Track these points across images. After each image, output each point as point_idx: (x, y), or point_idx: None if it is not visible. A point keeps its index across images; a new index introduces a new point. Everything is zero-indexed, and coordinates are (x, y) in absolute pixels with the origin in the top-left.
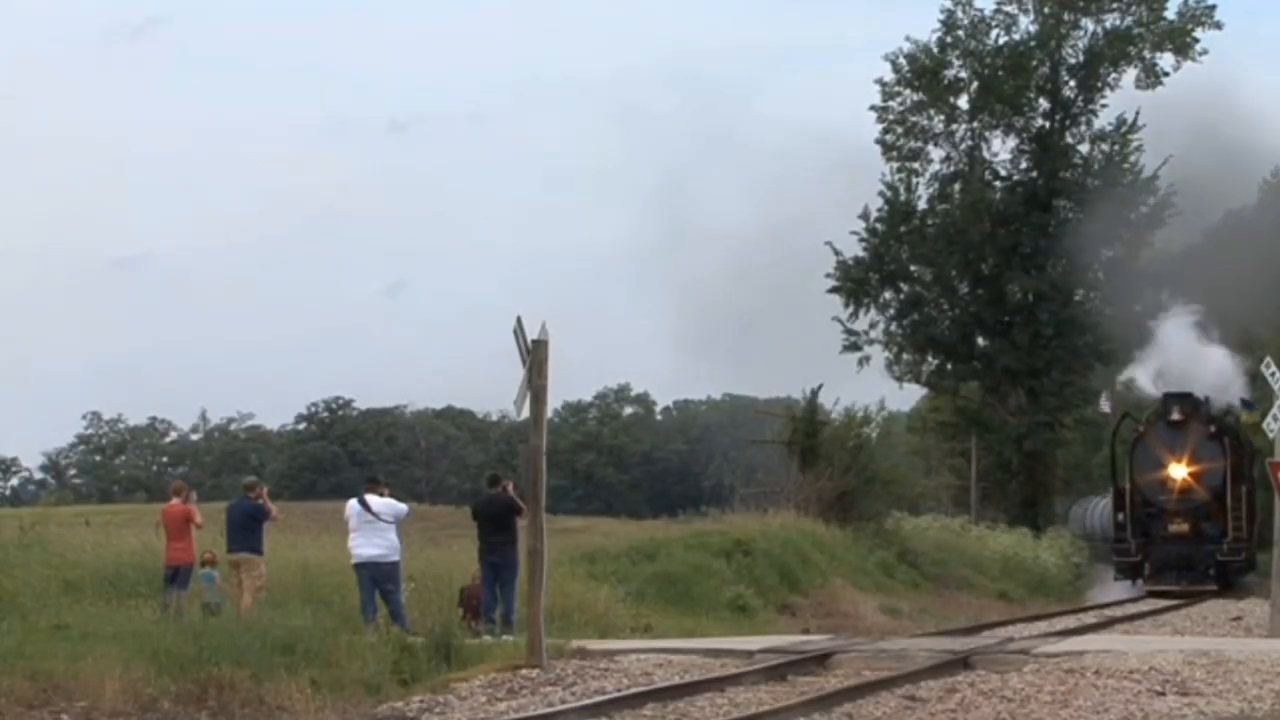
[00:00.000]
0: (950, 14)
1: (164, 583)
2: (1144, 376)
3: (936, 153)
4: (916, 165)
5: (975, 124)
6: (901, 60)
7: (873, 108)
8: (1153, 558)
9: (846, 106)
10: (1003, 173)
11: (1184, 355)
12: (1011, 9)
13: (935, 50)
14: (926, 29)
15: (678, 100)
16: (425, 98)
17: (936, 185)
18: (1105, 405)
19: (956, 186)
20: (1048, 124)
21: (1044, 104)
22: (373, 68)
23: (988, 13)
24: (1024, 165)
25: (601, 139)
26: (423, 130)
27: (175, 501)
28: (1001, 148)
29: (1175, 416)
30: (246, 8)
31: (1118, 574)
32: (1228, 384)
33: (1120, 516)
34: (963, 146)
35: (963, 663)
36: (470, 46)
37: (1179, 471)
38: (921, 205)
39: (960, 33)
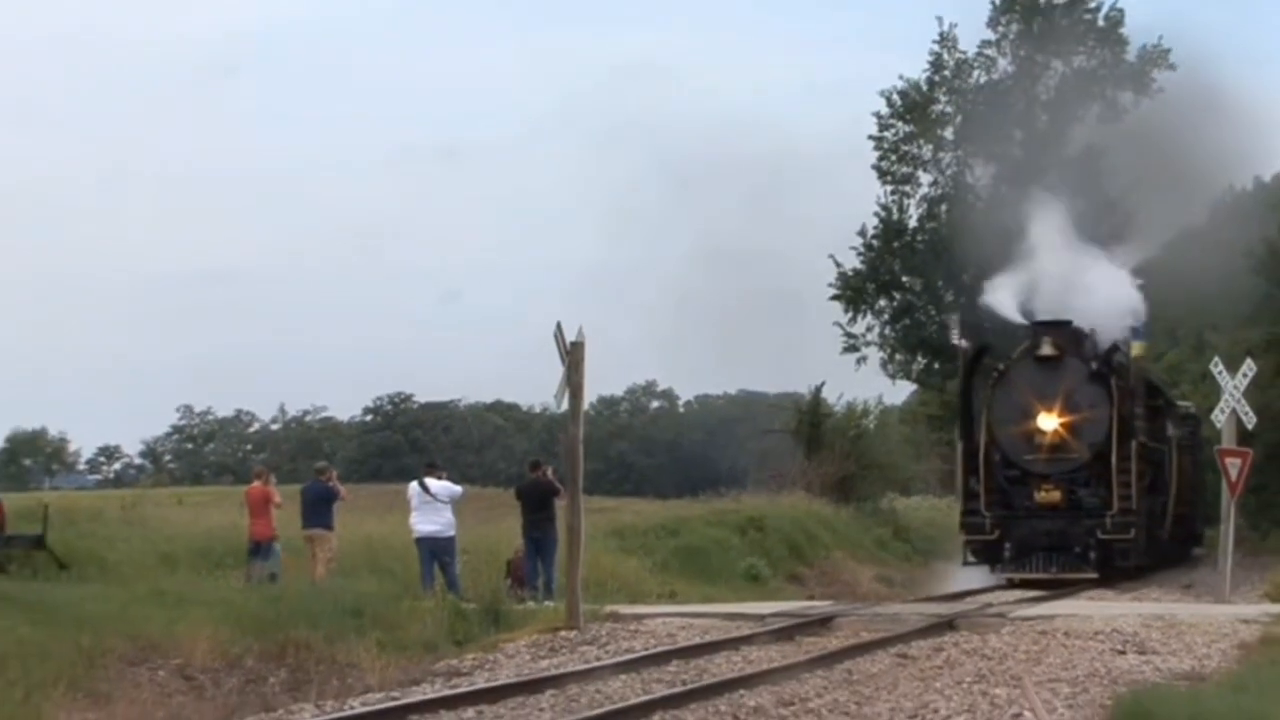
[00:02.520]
0: (938, 56)
1: (247, 555)
2: (1007, 299)
3: (925, 177)
4: (908, 188)
5: (959, 152)
6: (895, 96)
7: (870, 137)
8: (1014, 536)
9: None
10: (984, 195)
11: (1061, 270)
12: (991, 52)
13: (924, 88)
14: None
15: (685, 125)
16: (471, 127)
17: (925, 206)
18: (955, 336)
19: (943, 207)
20: (1024, 153)
21: (1019, 134)
22: (426, 101)
23: (970, 55)
24: (1003, 189)
25: (621, 163)
26: (471, 156)
27: (257, 484)
28: (983, 173)
29: (1046, 351)
30: (315, 53)
31: (969, 557)
32: (1123, 313)
33: (973, 482)
34: (949, 172)
35: (948, 625)
36: (511, 79)
37: (1049, 423)
38: (912, 223)
39: (946, 73)
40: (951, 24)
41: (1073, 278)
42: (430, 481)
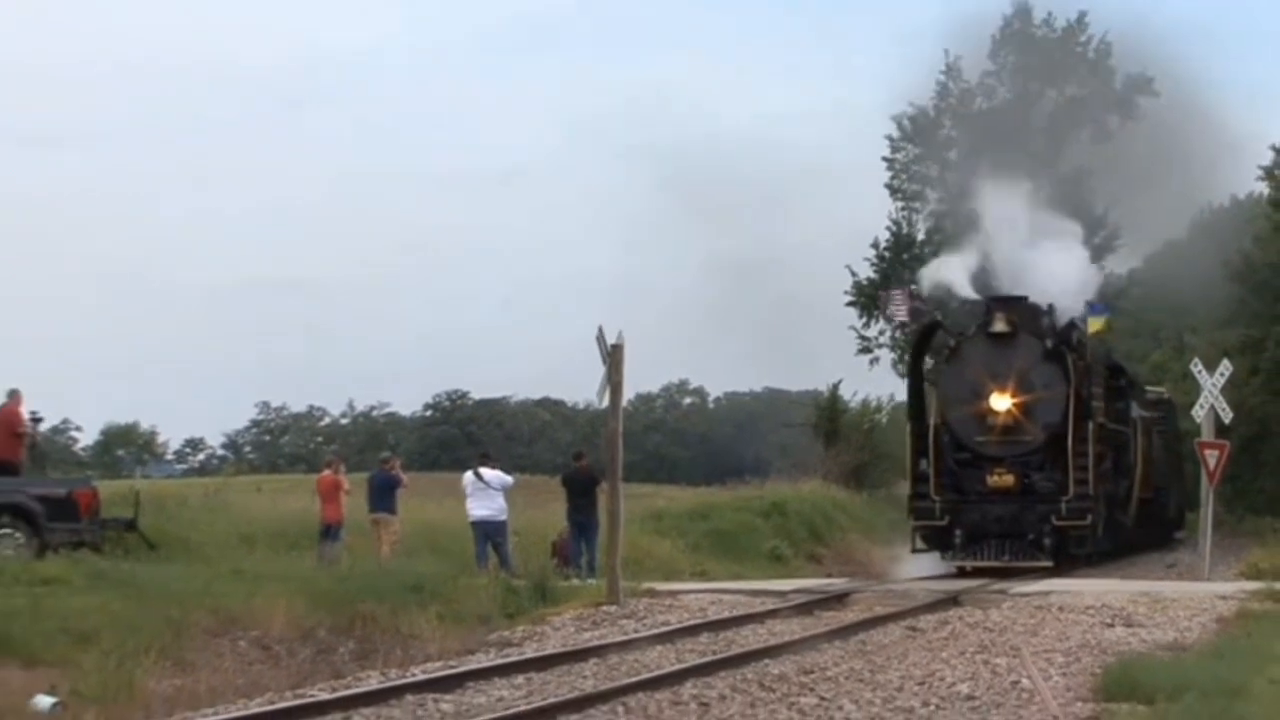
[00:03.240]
0: (944, 85)
1: (319, 537)
2: (959, 273)
3: (932, 195)
4: (917, 205)
5: (966, 169)
6: (906, 121)
7: (884, 159)
8: (965, 522)
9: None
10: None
11: (1016, 245)
12: (991, 81)
13: (931, 114)
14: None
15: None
16: (513, 149)
17: (932, 220)
18: (899, 311)
19: (948, 223)
20: (1024, 175)
21: (1017, 155)
22: (473, 126)
23: (973, 84)
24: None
25: (643, 181)
26: (522, 180)
27: (327, 472)
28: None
29: (999, 327)
30: (385, 85)
31: (918, 544)
32: (1081, 289)
33: (923, 464)
34: (953, 190)
35: (954, 601)
36: (559, 109)
37: (1002, 403)
38: (920, 237)
39: (952, 100)
40: (956, 55)
41: (1028, 254)
42: (484, 470)
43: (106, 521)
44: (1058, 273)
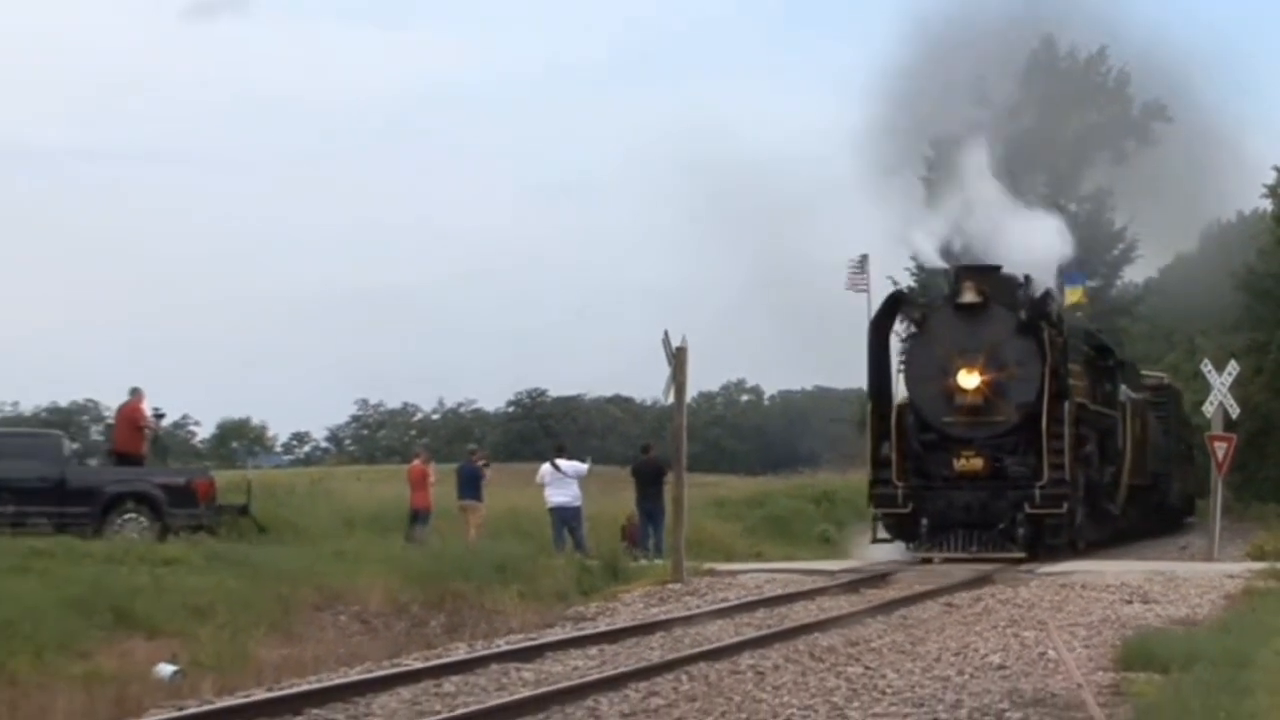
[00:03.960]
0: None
1: (409, 521)
2: (927, 241)
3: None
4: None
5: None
6: (942, 144)
7: (920, 178)
8: (930, 510)
9: None
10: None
11: (991, 210)
12: (1020, 109)
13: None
14: None
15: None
16: (588, 169)
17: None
18: (858, 281)
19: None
20: (1047, 191)
21: (1043, 176)
22: (554, 149)
23: (1005, 107)
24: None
25: (695, 197)
26: (586, 195)
27: (418, 463)
28: None
29: (969, 298)
30: (460, 112)
31: (878, 533)
32: (1055, 261)
33: (885, 448)
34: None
35: (986, 580)
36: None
37: (970, 380)
38: (957, 247)
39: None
40: (985, 92)
41: (1002, 220)
42: (561, 461)
43: (222, 507)
44: (1035, 243)
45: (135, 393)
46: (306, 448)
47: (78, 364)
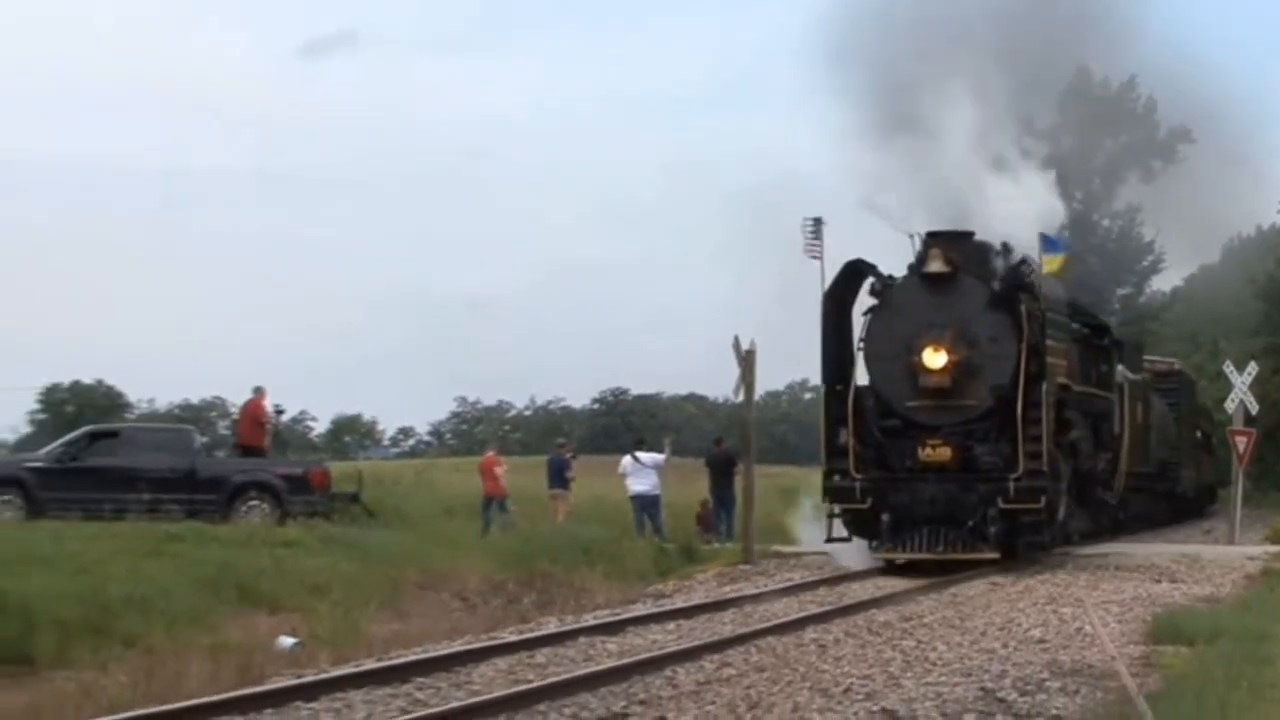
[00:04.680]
0: (1019, 136)
1: (481, 508)
2: (892, 201)
3: None
4: None
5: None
6: (991, 165)
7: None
8: (891, 505)
9: None
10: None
11: (966, 171)
12: (1059, 131)
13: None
14: None
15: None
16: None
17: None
18: (813, 247)
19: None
20: (1082, 208)
21: (1078, 194)
22: (633, 170)
23: (1045, 129)
24: (1067, 234)
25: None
26: (661, 209)
27: (490, 454)
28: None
29: (936, 267)
30: (539, 138)
31: (834, 531)
32: (1039, 226)
33: (842, 436)
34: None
35: (1026, 565)
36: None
37: (937, 359)
38: None
39: (1027, 145)
40: (1028, 115)
41: (979, 177)
42: (640, 454)
43: (335, 495)
44: (1018, 207)
45: (258, 391)
46: (411, 441)
47: (207, 365)
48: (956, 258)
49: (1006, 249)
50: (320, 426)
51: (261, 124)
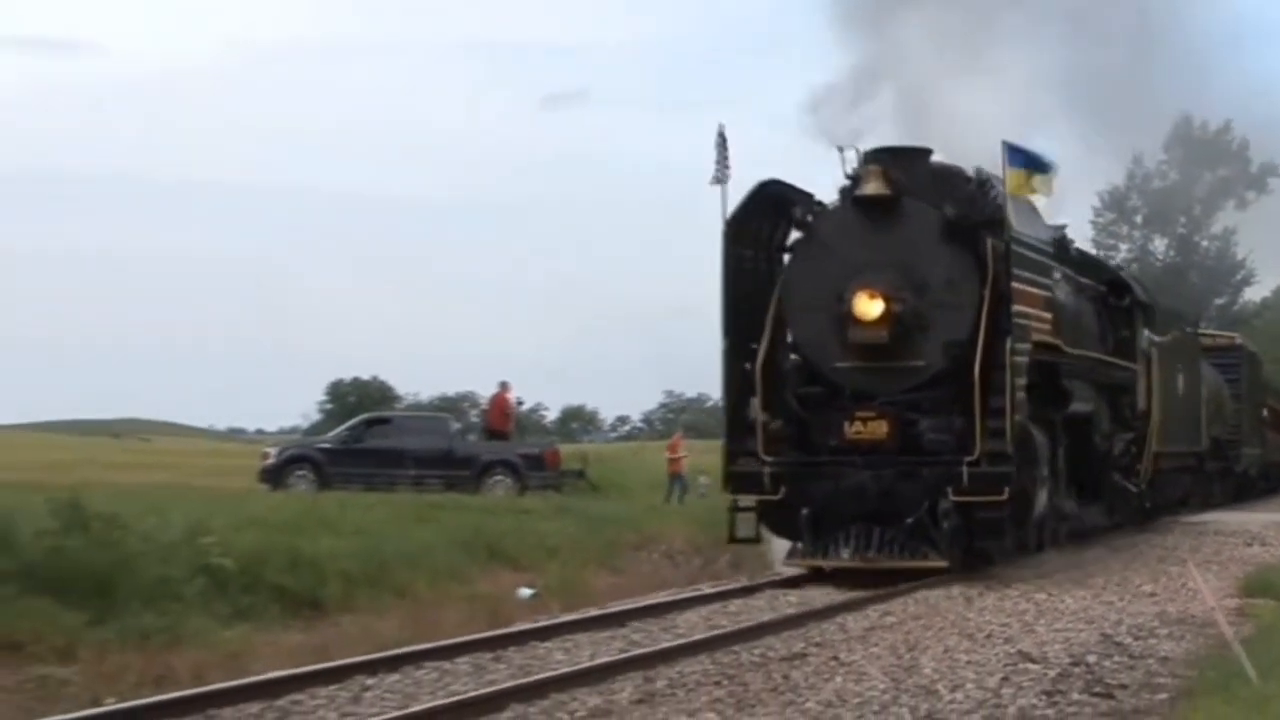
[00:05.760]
0: (1132, 171)
1: (669, 483)
2: (833, 117)
3: (1123, 246)
4: (1112, 254)
5: (1146, 230)
6: (1105, 195)
7: (1091, 222)
8: (811, 497)
9: None
10: (1160, 258)
11: (932, 79)
12: (1165, 167)
13: (1123, 190)
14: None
15: None
16: None
17: (1125, 266)
18: (720, 169)
19: (1134, 267)
20: (1185, 231)
21: (1182, 219)
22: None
23: (1151, 169)
24: (1171, 254)
25: None
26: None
27: (676, 437)
28: (1159, 244)
29: (874, 189)
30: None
31: (738, 530)
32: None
33: (749, 408)
34: (1139, 244)
35: (1139, 530)
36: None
37: (873, 308)
38: None
39: (1137, 180)
40: (1138, 151)
41: (944, 84)
42: None
43: (565, 472)
44: (985, 119)
45: (503, 385)
46: (627, 427)
47: (461, 364)
48: (901, 178)
49: (980, 177)
50: (552, 415)
51: (502, 164)
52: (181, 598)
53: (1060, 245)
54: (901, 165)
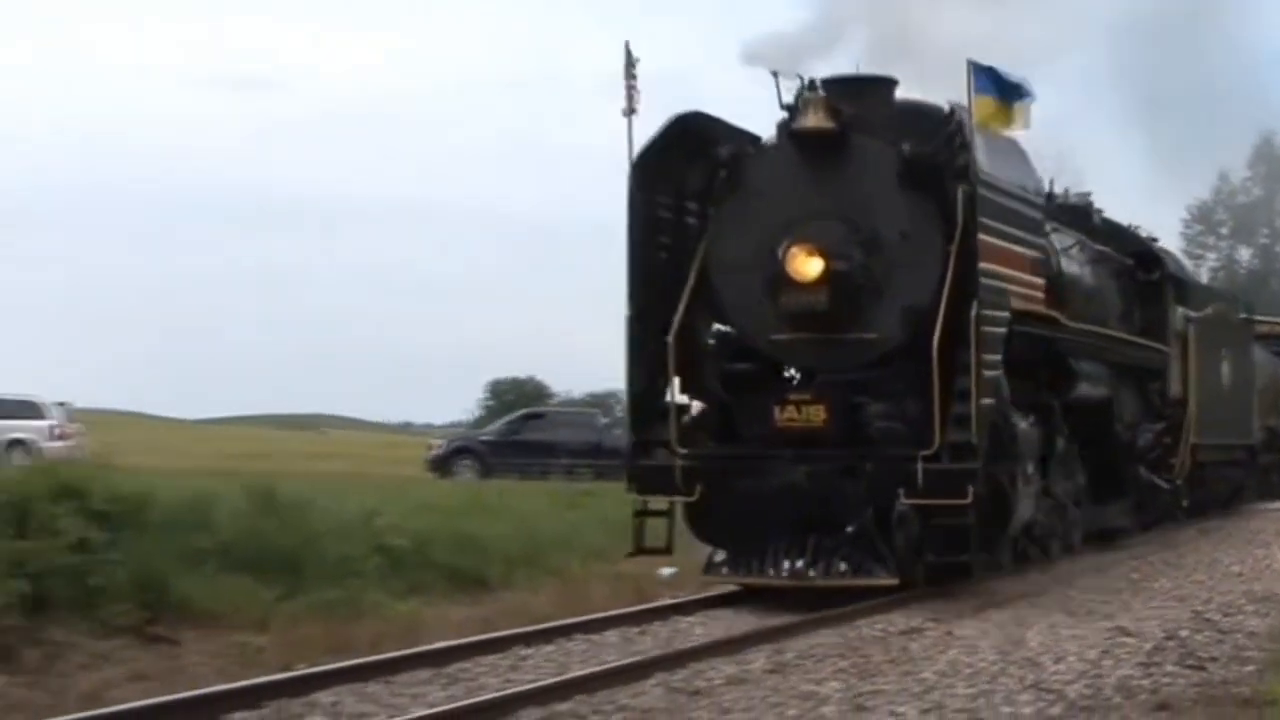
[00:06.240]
0: (1219, 188)
1: None
2: (774, 50)
3: (1211, 256)
4: (1200, 263)
5: (1232, 240)
6: (1194, 209)
7: (1181, 234)
8: (732, 498)
9: None
10: (1244, 266)
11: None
12: (1249, 184)
13: (1210, 204)
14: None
15: None
16: None
17: (1213, 274)
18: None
19: (1221, 275)
20: (1267, 241)
21: (1265, 230)
22: None
23: (1238, 183)
24: (1255, 263)
25: None
26: None
27: None
28: (1244, 254)
29: (813, 121)
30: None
31: (644, 539)
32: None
33: (660, 390)
34: (1225, 254)
35: (1223, 516)
36: None
37: (812, 266)
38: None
39: (1223, 195)
40: (1224, 170)
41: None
42: None
43: None
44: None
45: None
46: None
47: (608, 365)
48: (848, 109)
49: (953, 115)
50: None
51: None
52: (361, 574)
53: (1080, 212)
54: (852, 95)
